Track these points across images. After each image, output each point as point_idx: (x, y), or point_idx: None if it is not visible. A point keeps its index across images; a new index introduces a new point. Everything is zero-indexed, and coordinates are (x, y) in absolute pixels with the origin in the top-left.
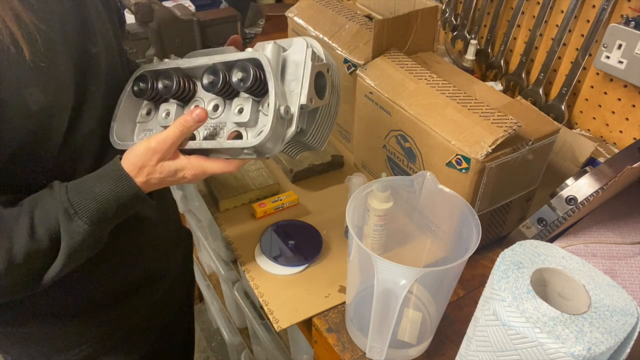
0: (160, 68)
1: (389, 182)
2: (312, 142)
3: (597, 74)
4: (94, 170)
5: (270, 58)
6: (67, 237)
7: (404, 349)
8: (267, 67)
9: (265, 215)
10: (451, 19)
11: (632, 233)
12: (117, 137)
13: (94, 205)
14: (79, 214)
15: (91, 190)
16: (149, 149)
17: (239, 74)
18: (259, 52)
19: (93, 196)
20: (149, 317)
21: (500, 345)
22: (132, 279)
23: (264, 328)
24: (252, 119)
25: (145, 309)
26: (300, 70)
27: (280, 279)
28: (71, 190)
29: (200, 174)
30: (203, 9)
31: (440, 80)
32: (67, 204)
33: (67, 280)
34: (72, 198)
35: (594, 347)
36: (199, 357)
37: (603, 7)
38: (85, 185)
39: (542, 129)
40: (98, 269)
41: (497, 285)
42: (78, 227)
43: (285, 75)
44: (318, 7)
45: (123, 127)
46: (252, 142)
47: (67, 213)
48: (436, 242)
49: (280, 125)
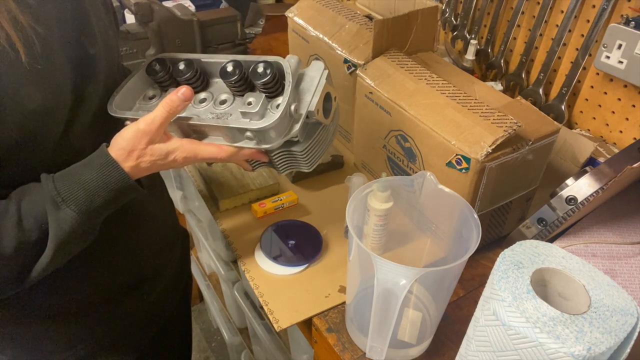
0: (180, 57)
1: (389, 182)
2: (305, 158)
3: (597, 74)
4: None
5: (292, 66)
6: (54, 226)
7: (404, 349)
8: (288, 69)
9: (265, 215)
10: (451, 19)
11: (632, 233)
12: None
13: (82, 193)
14: (66, 202)
15: (79, 178)
16: (138, 131)
17: (261, 67)
18: (282, 58)
19: (80, 184)
20: (145, 317)
21: (500, 345)
22: (127, 279)
23: (264, 328)
24: (260, 112)
25: (142, 309)
26: (315, 83)
27: (280, 279)
28: (58, 179)
29: (191, 157)
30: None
31: (440, 80)
32: (54, 192)
33: (61, 281)
34: (59, 186)
35: (594, 347)
36: (199, 357)
37: (603, 7)
38: (73, 173)
39: (542, 129)
40: (93, 269)
41: (497, 285)
42: (66, 215)
43: (300, 86)
44: (318, 7)
45: (122, 102)
46: (258, 124)
47: (55, 201)
48: (436, 242)
49: (287, 121)
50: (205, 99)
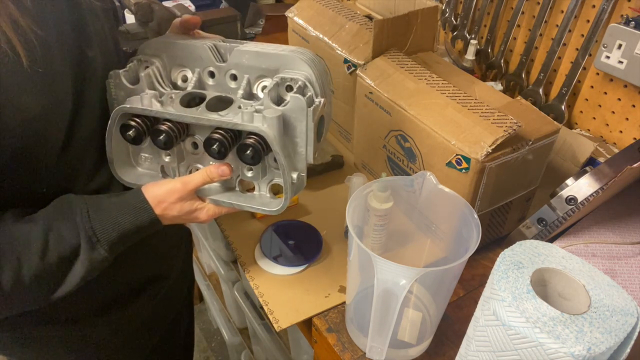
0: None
1: (389, 182)
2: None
3: (597, 74)
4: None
5: (275, 134)
6: (87, 264)
7: (404, 349)
8: (275, 147)
9: (265, 215)
10: (451, 19)
11: (632, 233)
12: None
13: (116, 234)
14: (101, 242)
15: (114, 219)
16: (174, 188)
17: (247, 156)
18: (262, 128)
19: (115, 225)
20: (151, 318)
21: (500, 345)
22: (134, 282)
23: (264, 328)
24: (262, 174)
25: (148, 310)
26: (303, 128)
27: (280, 279)
28: (94, 217)
29: (213, 216)
30: (203, 9)
31: (440, 80)
32: (91, 232)
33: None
34: (95, 226)
35: (594, 347)
36: (199, 357)
37: (603, 7)
38: (108, 212)
39: (542, 129)
40: (103, 274)
41: (497, 285)
42: (99, 255)
43: (288, 132)
44: (318, 7)
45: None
46: (272, 211)
47: (90, 241)
48: (436, 242)
49: (295, 187)
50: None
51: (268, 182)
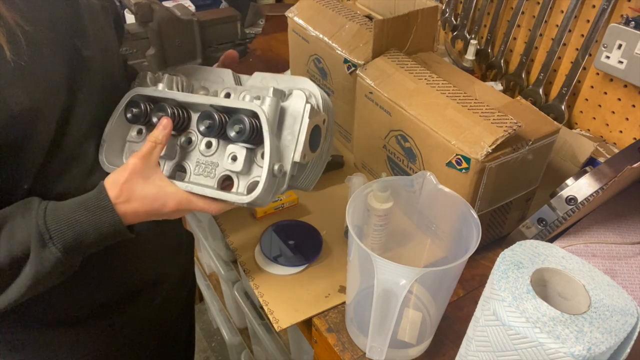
0: (155, 95)
1: (389, 182)
2: (302, 185)
3: (597, 74)
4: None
5: (268, 113)
6: (36, 263)
7: (404, 349)
8: (265, 125)
9: (265, 215)
10: (451, 19)
11: (632, 233)
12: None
13: (71, 234)
14: (53, 239)
15: (70, 216)
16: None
17: (236, 127)
18: (258, 106)
19: (71, 223)
20: (150, 322)
21: (500, 345)
22: (131, 286)
23: (264, 328)
24: (245, 168)
25: (146, 314)
26: (297, 125)
27: (280, 279)
28: (50, 215)
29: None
30: (203, 9)
31: (440, 80)
32: (44, 229)
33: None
34: (49, 222)
35: (594, 347)
36: (199, 357)
37: (603, 7)
38: (65, 210)
39: (542, 129)
40: (97, 277)
41: (497, 285)
42: (50, 254)
43: (282, 127)
44: (318, 7)
45: (112, 145)
46: (243, 200)
47: (42, 238)
48: (436, 242)
49: (273, 182)
50: (190, 140)
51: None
